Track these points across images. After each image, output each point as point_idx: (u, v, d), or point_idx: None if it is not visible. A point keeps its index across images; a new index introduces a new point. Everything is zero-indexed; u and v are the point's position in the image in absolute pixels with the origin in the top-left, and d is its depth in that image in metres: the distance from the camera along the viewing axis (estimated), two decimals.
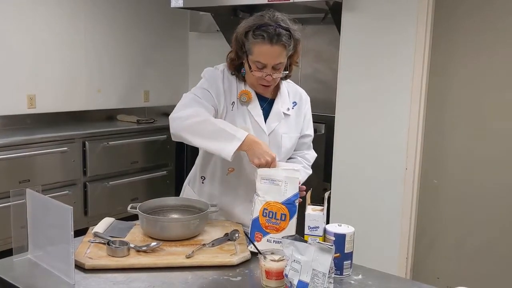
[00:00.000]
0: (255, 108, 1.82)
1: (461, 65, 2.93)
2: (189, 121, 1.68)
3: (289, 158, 1.96)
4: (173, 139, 1.76)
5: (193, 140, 1.68)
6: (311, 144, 2.01)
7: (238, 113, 1.81)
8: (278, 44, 1.67)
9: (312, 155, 2.01)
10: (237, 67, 1.82)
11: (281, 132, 1.85)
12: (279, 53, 1.70)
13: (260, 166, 1.63)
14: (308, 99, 1.98)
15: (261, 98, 1.85)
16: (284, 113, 1.87)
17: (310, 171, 1.97)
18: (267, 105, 1.86)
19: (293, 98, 1.92)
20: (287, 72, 1.80)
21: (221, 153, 1.64)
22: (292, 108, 1.90)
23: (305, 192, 1.70)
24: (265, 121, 1.84)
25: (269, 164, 1.63)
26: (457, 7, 2.90)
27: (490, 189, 2.89)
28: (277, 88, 1.88)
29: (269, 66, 1.71)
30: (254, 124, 1.81)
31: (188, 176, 2.05)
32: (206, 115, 1.70)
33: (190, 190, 1.99)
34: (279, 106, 1.86)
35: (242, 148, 1.64)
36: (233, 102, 1.81)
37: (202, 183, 1.93)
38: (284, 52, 1.71)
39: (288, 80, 1.94)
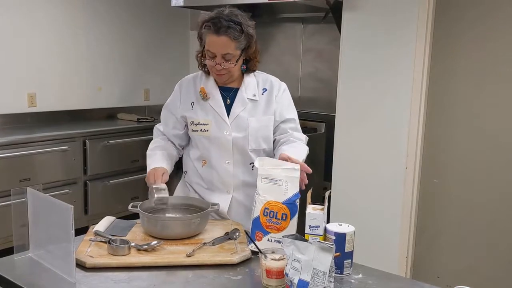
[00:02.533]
0: (216, 101, 1.96)
1: (462, 65, 2.93)
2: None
3: (281, 144, 1.97)
4: None
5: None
6: (299, 128, 2.06)
7: (200, 109, 1.97)
8: (224, 35, 1.80)
9: (301, 134, 2.04)
10: (202, 61, 1.96)
11: (246, 116, 1.95)
12: (225, 44, 1.82)
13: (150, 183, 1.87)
14: (283, 85, 2.06)
15: (227, 90, 1.97)
16: (250, 99, 1.97)
17: (307, 148, 2.00)
18: (232, 93, 1.98)
19: (262, 85, 2.02)
20: (244, 65, 1.94)
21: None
22: (262, 94, 1.99)
23: (306, 183, 1.73)
24: (231, 109, 1.95)
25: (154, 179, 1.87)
26: (458, 4, 2.90)
27: (491, 189, 2.89)
28: (242, 79, 1.99)
29: (218, 55, 1.84)
30: (216, 116, 1.95)
31: None
32: (150, 148, 2.07)
33: (180, 185, 2.14)
34: (243, 93, 1.97)
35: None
36: (192, 102, 1.99)
37: (184, 177, 2.09)
38: (232, 43, 1.82)
39: (261, 72, 2.05)
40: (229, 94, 1.98)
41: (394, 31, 2.97)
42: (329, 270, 1.28)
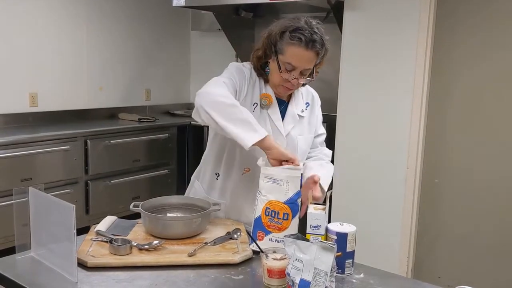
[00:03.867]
0: (275, 112, 1.83)
1: (463, 64, 2.93)
2: (218, 99, 1.66)
3: (309, 158, 1.96)
4: (193, 115, 1.72)
5: (216, 117, 1.63)
6: (324, 142, 2.04)
7: (259, 115, 1.80)
8: (313, 50, 1.68)
9: (328, 150, 2.03)
10: (262, 66, 1.82)
11: (296, 134, 1.86)
12: (311, 59, 1.71)
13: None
14: (319, 100, 1.99)
15: (280, 102, 1.86)
16: (299, 115, 1.88)
17: (333, 167, 1.99)
18: (283, 107, 1.86)
19: (306, 98, 1.93)
20: (310, 79, 1.79)
21: (239, 141, 1.62)
22: (306, 109, 1.91)
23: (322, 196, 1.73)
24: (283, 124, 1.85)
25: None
26: (459, 5, 2.90)
27: (492, 189, 2.89)
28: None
29: (298, 69, 1.71)
30: (274, 128, 1.82)
31: (196, 171, 2.04)
32: (235, 101, 1.69)
33: (199, 185, 1.98)
34: (293, 108, 1.87)
35: (260, 146, 1.63)
36: (255, 103, 1.81)
37: (217, 179, 1.91)
38: (315, 59, 1.72)
39: None
40: (281, 108, 1.85)
41: (396, 31, 2.97)
42: (331, 270, 1.28)
